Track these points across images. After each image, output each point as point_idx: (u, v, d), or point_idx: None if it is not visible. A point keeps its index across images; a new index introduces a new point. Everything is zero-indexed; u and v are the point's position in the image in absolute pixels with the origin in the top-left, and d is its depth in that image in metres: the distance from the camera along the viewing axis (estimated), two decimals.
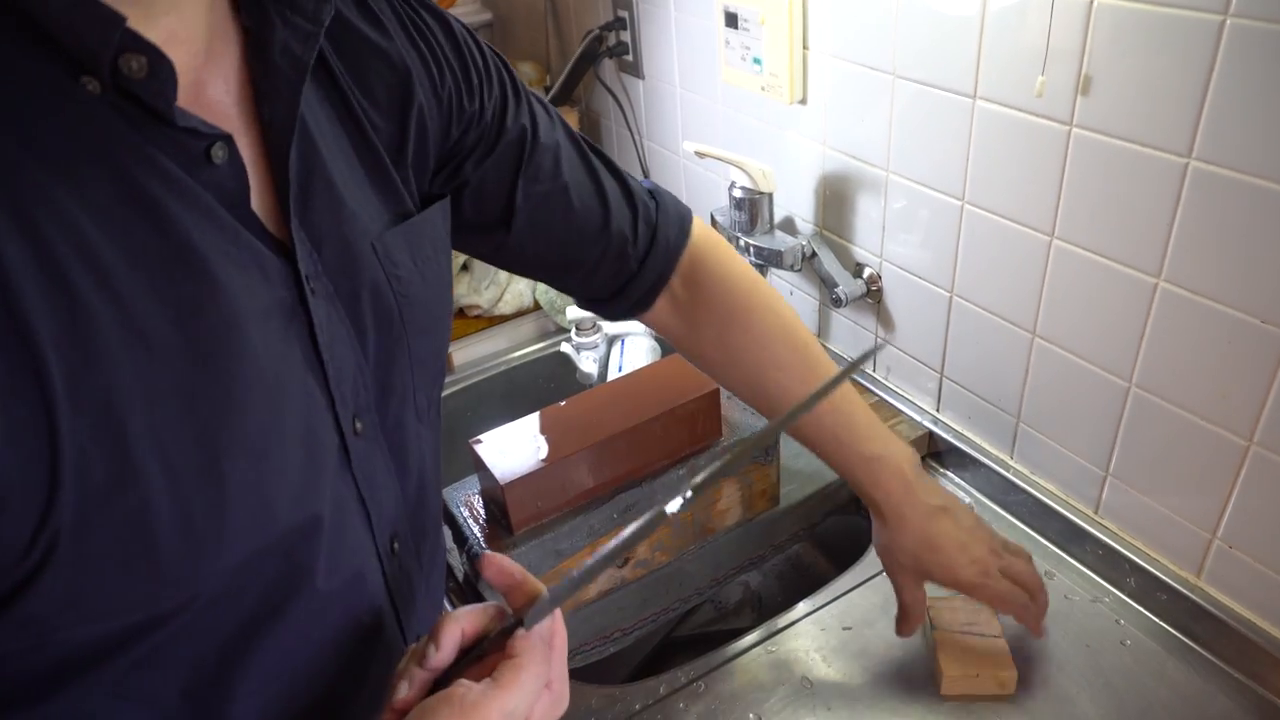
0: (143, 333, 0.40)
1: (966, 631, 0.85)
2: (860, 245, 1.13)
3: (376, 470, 0.55)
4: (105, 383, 0.39)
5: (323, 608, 0.51)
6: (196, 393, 0.42)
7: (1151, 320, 0.81)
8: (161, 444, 0.41)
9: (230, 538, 0.44)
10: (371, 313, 0.54)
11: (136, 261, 0.41)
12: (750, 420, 0.93)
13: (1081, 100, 0.79)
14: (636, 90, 1.49)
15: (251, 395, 0.45)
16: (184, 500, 0.41)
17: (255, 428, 0.45)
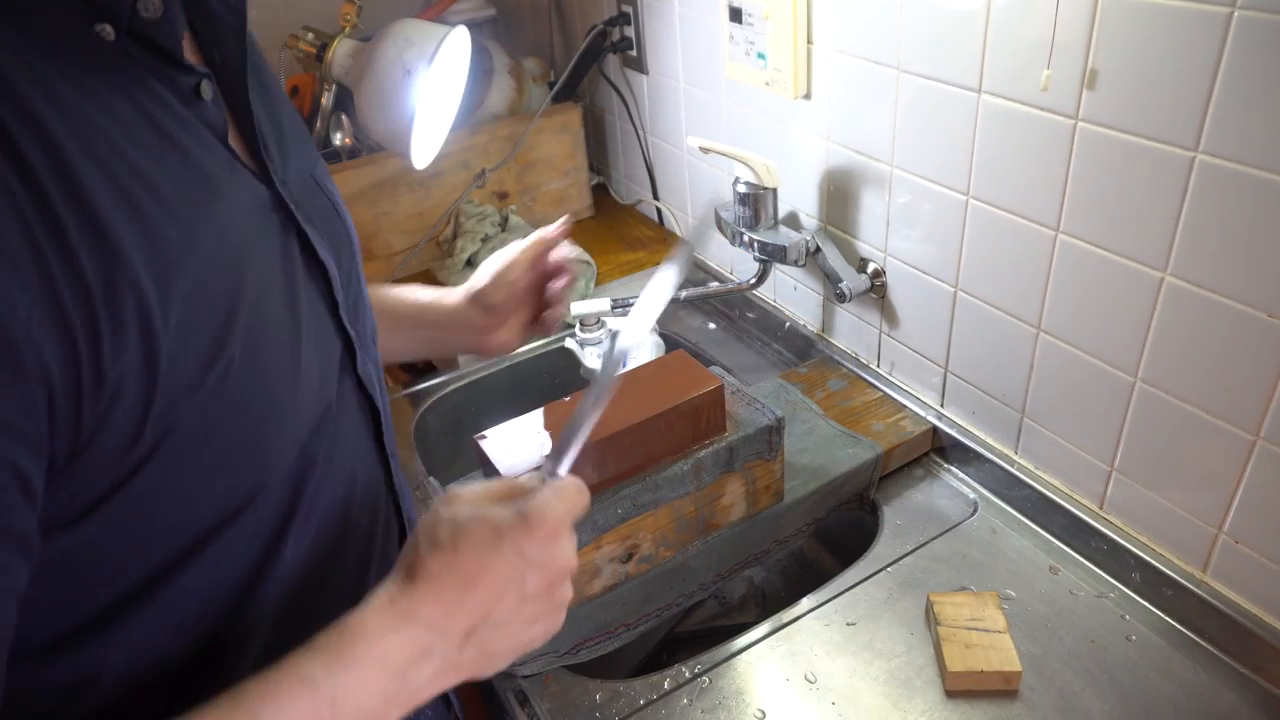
0: (192, 239, 0.46)
1: (971, 627, 0.85)
2: (864, 240, 1.13)
3: (373, 377, 0.64)
4: (180, 283, 0.44)
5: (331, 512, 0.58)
6: (237, 294, 0.48)
7: (1157, 315, 0.81)
8: (230, 332, 0.47)
9: (295, 413, 0.52)
10: (332, 235, 0.61)
11: (172, 179, 0.46)
12: (755, 416, 0.93)
13: (1087, 94, 0.79)
14: (640, 85, 1.49)
15: (273, 297, 0.51)
16: (246, 383, 0.48)
17: (286, 322, 0.52)
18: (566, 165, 1.60)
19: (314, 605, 0.58)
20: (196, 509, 0.49)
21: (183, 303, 0.44)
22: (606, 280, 1.47)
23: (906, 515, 1.03)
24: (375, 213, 1.44)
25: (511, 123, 1.52)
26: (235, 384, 0.48)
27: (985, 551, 0.97)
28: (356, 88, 1.03)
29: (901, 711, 0.82)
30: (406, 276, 1.51)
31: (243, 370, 0.48)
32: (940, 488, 1.07)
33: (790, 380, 1.20)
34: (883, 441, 1.07)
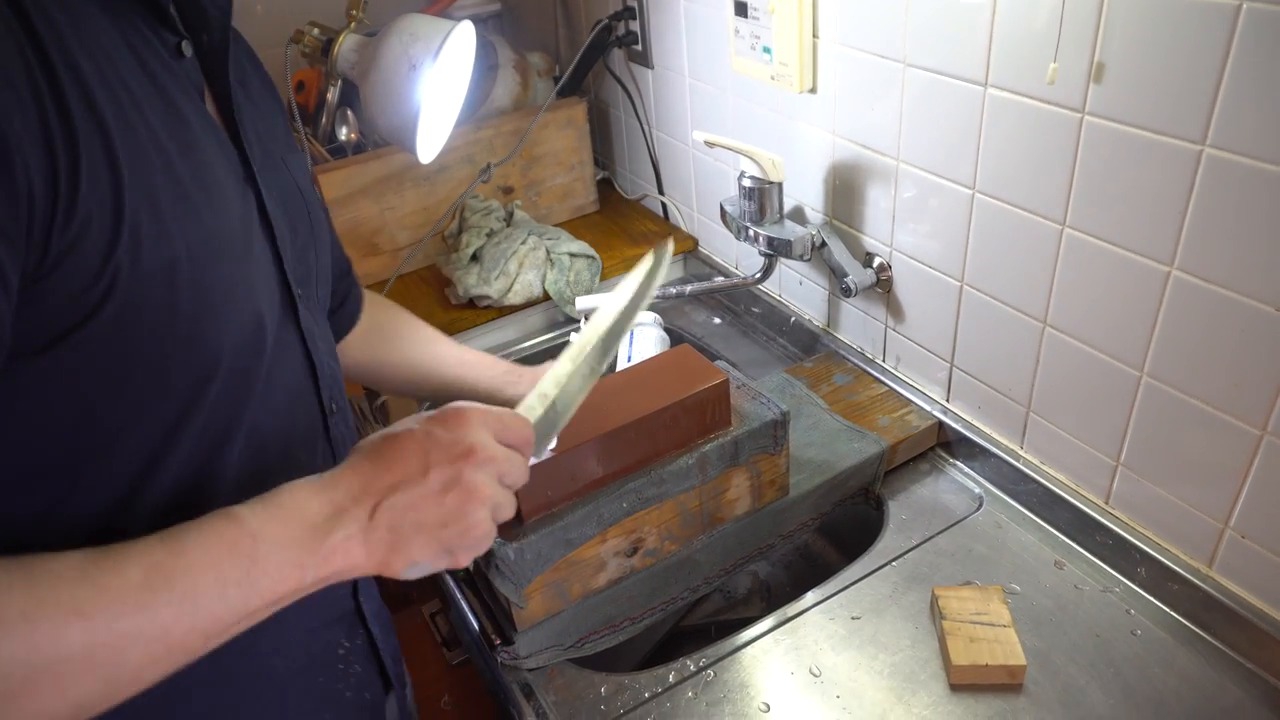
0: (164, 150, 0.53)
1: (976, 621, 0.85)
2: (870, 234, 1.12)
3: (317, 336, 0.68)
4: (147, 170, 0.52)
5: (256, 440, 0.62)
6: (200, 204, 0.55)
7: (1164, 309, 0.81)
8: (183, 227, 0.53)
9: (228, 309, 0.57)
10: (291, 210, 0.68)
11: (154, 109, 0.54)
12: (760, 411, 0.93)
13: (1094, 87, 0.78)
14: (646, 80, 1.49)
15: (232, 226, 0.58)
16: (198, 272, 0.54)
17: (239, 249, 0.58)
18: (572, 160, 1.60)
19: None
20: (146, 378, 0.54)
21: (146, 174, 0.52)
22: (612, 275, 1.47)
23: (911, 510, 1.03)
24: (380, 208, 1.44)
25: (516, 118, 1.52)
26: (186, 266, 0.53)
27: (990, 546, 0.97)
28: (362, 82, 1.03)
29: (906, 705, 0.82)
30: (411, 272, 1.51)
31: (195, 257, 0.54)
32: (946, 482, 1.07)
33: (795, 375, 1.20)
34: (888, 436, 1.07)
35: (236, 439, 0.60)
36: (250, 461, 0.62)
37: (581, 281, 1.41)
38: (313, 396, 0.69)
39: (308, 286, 0.70)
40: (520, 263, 1.38)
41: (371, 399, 1.27)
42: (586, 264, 1.43)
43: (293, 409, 0.66)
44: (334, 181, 1.39)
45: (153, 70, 0.56)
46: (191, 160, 0.56)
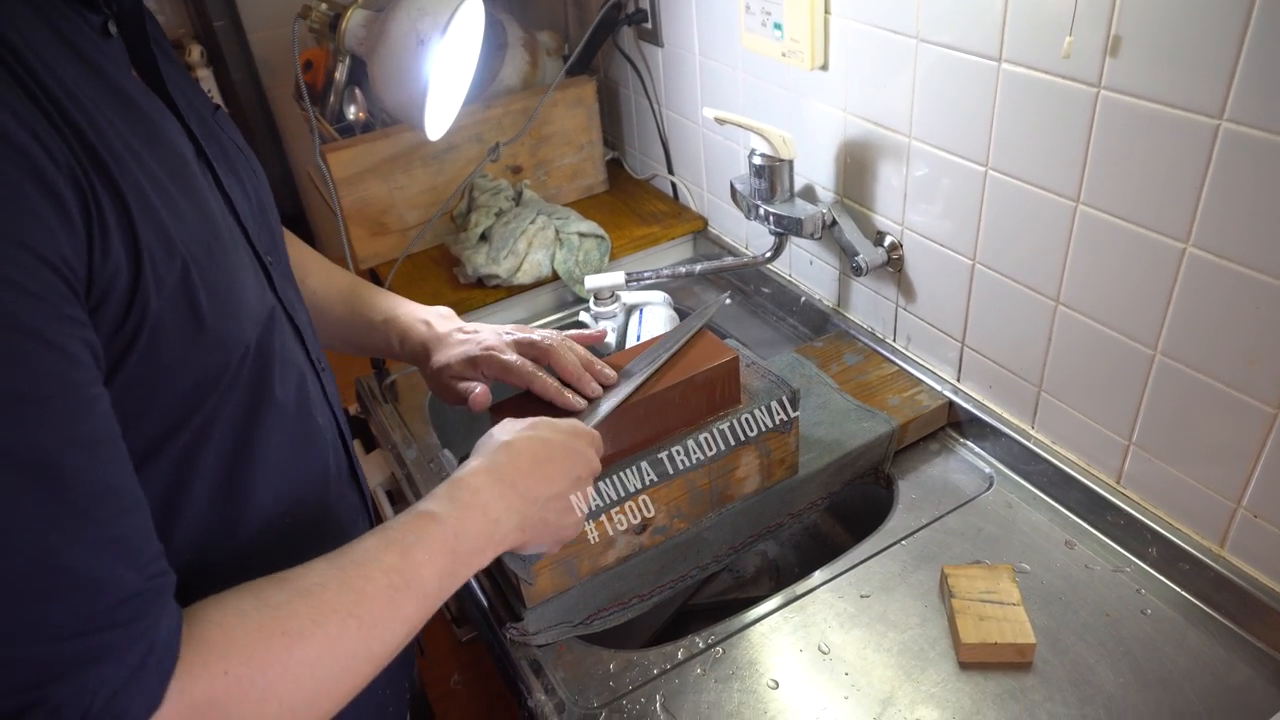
0: (135, 151, 0.51)
1: (985, 599, 0.85)
2: (881, 213, 1.12)
3: (292, 298, 0.69)
4: (133, 178, 0.49)
5: (284, 412, 0.63)
6: (183, 200, 0.53)
7: (1178, 287, 0.80)
8: (183, 235, 0.52)
9: (244, 309, 0.57)
10: (241, 173, 0.67)
11: (110, 106, 0.51)
12: (770, 388, 0.93)
13: (1110, 61, 0.77)
14: (655, 58, 1.48)
15: (213, 211, 0.57)
16: (208, 274, 0.53)
17: (224, 235, 0.57)
18: (581, 140, 1.59)
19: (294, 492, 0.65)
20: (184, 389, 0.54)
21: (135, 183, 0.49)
22: (621, 255, 1.47)
23: (921, 489, 1.03)
24: (389, 187, 1.44)
25: (525, 97, 1.51)
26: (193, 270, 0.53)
27: (1000, 526, 0.97)
28: (370, 58, 1.03)
29: (915, 683, 0.82)
30: (420, 251, 1.51)
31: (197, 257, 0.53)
32: (956, 462, 1.07)
33: (805, 354, 1.19)
34: (898, 415, 1.06)
35: (264, 416, 0.61)
36: (277, 436, 0.63)
37: (590, 261, 1.41)
38: (304, 359, 0.69)
39: (275, 252, 0.69)
40: (529, 242, 1.38)
41: (380, 378, 1.27)
42: (595, 244, 1.42)
43: (301, 370, 0.67)
44: (342, 161, 1.39)
45: (91, 59, 0.52)
46: (160, 153, 0.54)
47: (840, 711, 0.80)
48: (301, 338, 0.69)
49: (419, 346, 0.89)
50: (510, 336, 0.87)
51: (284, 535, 0.63)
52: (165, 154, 0.54)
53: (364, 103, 1.48)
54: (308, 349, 0.70)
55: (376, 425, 1.23)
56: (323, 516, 0.68)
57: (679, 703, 0.82)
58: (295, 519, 0.65)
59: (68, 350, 0.43)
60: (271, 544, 0.62)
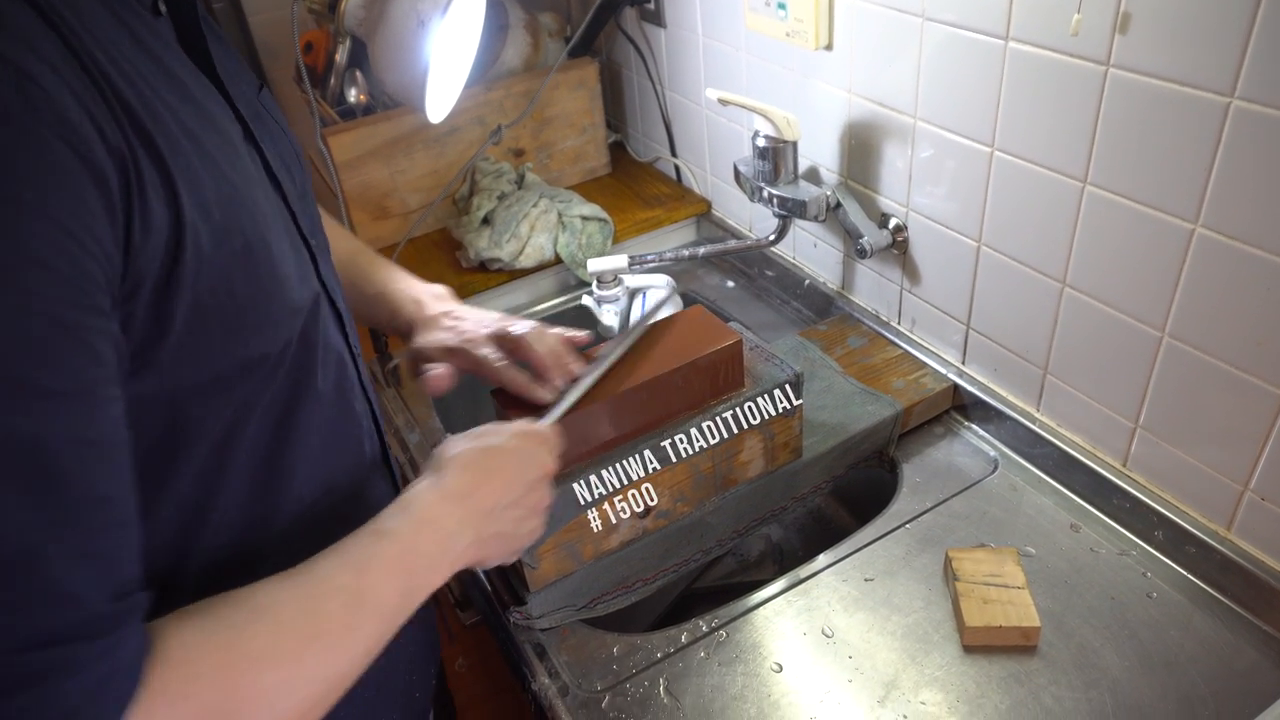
0: (190, 132, 0.50)
1: (990, 583, 0.85)
2: (886, 195, 1.11)
3: (334, 284, 0.68)
4: (186, 161, 0.48)
5: (325, 399, 0.63)
6: (235, 182, 0.53)
7: (1186, 268, 0.79)
8: (232, 213, 0.51)
9: (288, 295, 0.56)
10: (285, 156, 0.66)
11: (164, 86, 0.50)
12: (774, 372, 0.92)
13: (1119, 39, 0.76)
14: (658, 39, 1.47)
15: (259, 195, 0.56)
16: (254, 260, 0.52)
17: (272, 218, 0.56)
18: (583, 122, 1.58)
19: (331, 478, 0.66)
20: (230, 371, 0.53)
21: (187, 166, 0.48)
22: (624, 238, 1.46)
23: (926, 473, 1.02)
24: (391, 170, 1.43)
25: (527, 79, 1.50)
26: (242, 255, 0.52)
27: (1005, 509, 0.96)
28: (370, 39, 1.02)
29: (919, 666, 0.82)
30: (422, 235, 1.50)
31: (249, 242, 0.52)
32: (961, 445, 1.06)
33: (809, 338, 1.19)
34: (903, 399, 1.06)
35: (305, 403, 0.61)
36: (318, 422, 0.63)
37: (593, 244, 1.40)
38: (344, 345, 0.68)
39: (317, 235, 0.68)
40: (532, 226, 1.37)
41: (384, 362, 1.27)
42: (598, 227, 1.41)
43: (340, 355, 0.67)
44: (343, 144, 1.38)
45: (142, 39, 0.51)
46: (212, 134, 0.53)
47: (844, 695, 0.80)
48: (343, 323, 0.69)
49: (405, 323, 0.88)
50: (488, 329, 0.84)
51: (322, 521, 0.63)
52: (216, 135, 0.53)
53: (365, 85, 1.47)
54: (347, 335, 0.69)
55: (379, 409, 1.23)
56: (358, 503, 0.68)
57: (682, 686, 0.82)
58: (334, 505, 0.65)
59: (91, 344, 0.42)
60: (311, 529, 0.62)
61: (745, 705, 0.80)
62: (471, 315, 0.87)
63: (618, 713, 0.81)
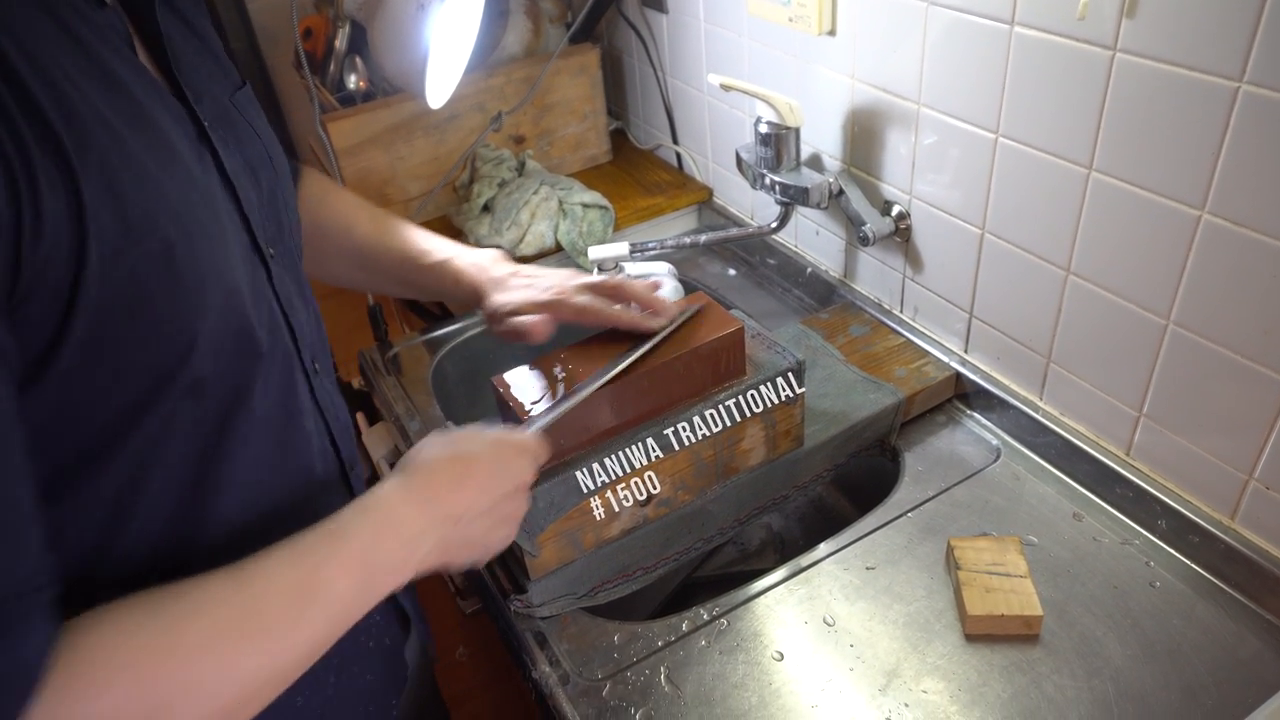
0: (112, 128, 0.48)
1: (992, 571, 0.85)
2: (889, 182, 1.10)
3: (291, 294, 0.66)
4: (99, 158, 0.46)
5: (263, 418, 0.60)
6: (162, 182, 0.51)
7: (1193, 255, 0.78)
8: (149, 216, 0.49)
9: (217, 303, 0.53)
10: (252, 159, 0.64)
11: (89, 79, 0.48)
12: (776, 360, 0.92)
13: (1127, 23, 0.75)
14: (660, 25, 1.45)
15: (195, 198, 0.53)
16: (172, 264, 0.50)
17: (208, 222, 0.54)
18: (584, 109, 1.57)
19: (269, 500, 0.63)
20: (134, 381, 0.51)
21: (99, 164, 0.47)
22: (625, 226, 1.45)
23: (928, 461, 1.02)
24: (391, 157, 1.42)
25: (528, 65, 1.49)
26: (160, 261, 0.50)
27: (1007, 498, 0.96)
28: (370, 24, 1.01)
29: (921, 654, 0.81)
30: (423, 222, 1.49)
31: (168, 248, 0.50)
32: (963, 434, 1.06)
33: (811, 326, 1.18)
34: (905, 387, 1.05)
35: (239, 422, 0.58)
36: (254, 442, 0.60)
37: (594, 232, 1.39)
38: (295, 361, 0.66)
39: (280, 243, 0.66)
40: (532, 213, 1.36)
41: (383, 350, 1.26)
42: (599, 214, 1.41)
43: (273, 378, 0.64)
44: (343, 130, 1.37)
45: (74, 30, 0.49)
46: (142, 133, 0.51)
47: (845, 683, 0.80)
48: (295, 338, 0.66)
49: (471, 288, 0.91)
50: (573, 281, 0.88)
51: (255, 541, 0.58)
52: (147, 135, 0.51)
53: (364, 71, 1.46)
54: (300, 353, 0.67)
55: (380, 398, 1.22)
56: (302, 524, 0.62)
57: (683, 674, 0.82)
58: (269, 528, 0.61)
59: None
60: (243, 549, 0.57)
61: (746, 693, 0.80)
62: (543, 272, 0.91)
63: (618, 701, 0.81)
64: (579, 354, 0.86)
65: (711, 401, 0.89)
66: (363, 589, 0.57)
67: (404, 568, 0.61)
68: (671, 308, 0.88)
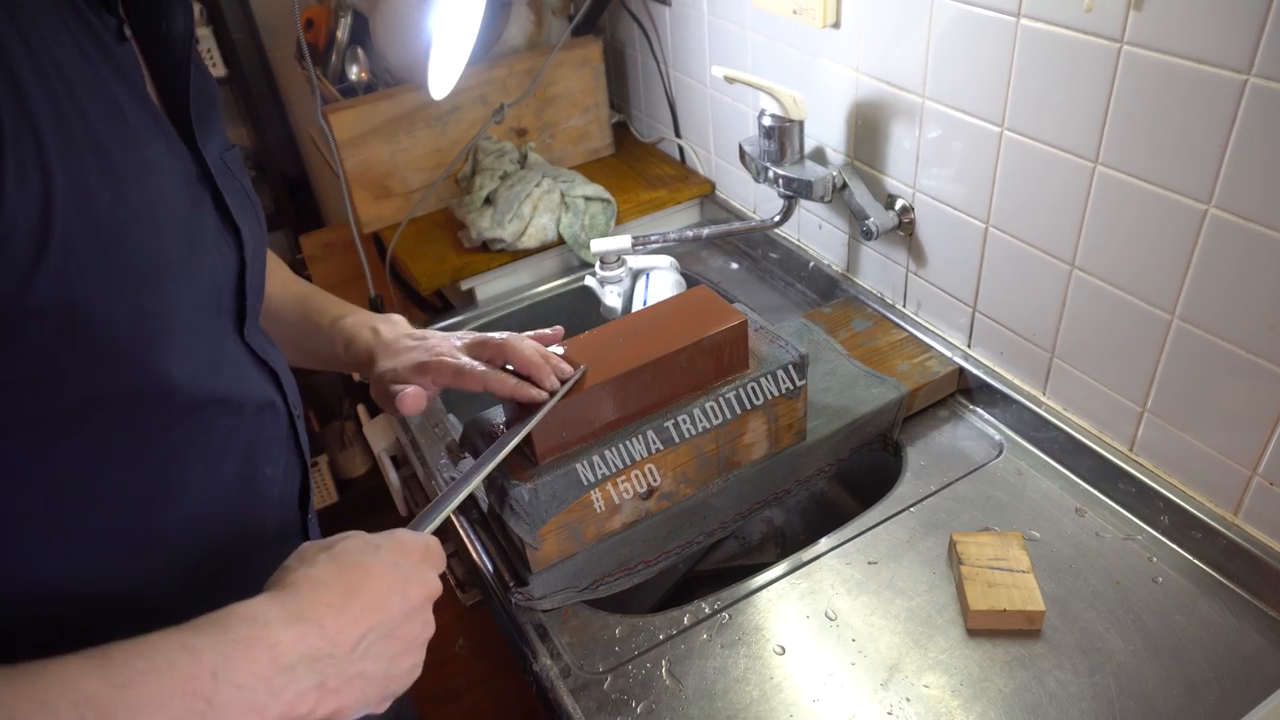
0: (101, 147, 0.48)
1: (994, 566, 0.84)
2: (893, 176, 1.10)
3: (262, 342, 0.65)
4: (80, 172, 0.46)
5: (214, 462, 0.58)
6: (142, 209, 0.50)
7: (1198, 249, 0.78)
8: (123, 236, 0.48)
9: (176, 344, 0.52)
10: (241, 209, 0.62)
11: (91, 99, 0.48)
12: (778, 353, 0.92)
13: (1134, 15, 0.75)
14: (663, 18, 1.45)
15: (176, 236, 0.52)
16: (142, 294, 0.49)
17: (187, 262, 0.53)
18: (586, 101, 1.56)
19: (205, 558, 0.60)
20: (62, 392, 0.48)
21: (80, 177, 0.46)
22: (627, 219, 1.45)
23: (930, 456, 1.02)
24: (392, 149, 1.42)
25: (530, 57, 1.49)
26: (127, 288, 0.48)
27: (1010, 493, 0.96)
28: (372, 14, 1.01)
29: (922, 649, 0.81)
30: (424, 215, 1.49)
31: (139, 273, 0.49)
32: (965, 429, 1.05)
33: (814, 320, 1.18)
34: (908, 382, 1.05)
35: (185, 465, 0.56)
36: (216, 478, 0.58)
37: (596, 225, 1.39)
38: (282, 405, 0.65)
39: (257, 296, 0.65)
40: (534, 206, 1.36)
41: None
42: (601, 207, 1.40)
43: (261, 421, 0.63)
44: (345, 122, 1.36)
45: (90, 56, 0.50)
46: (132, 160, 0.50)
47: (847, 677, 0.80)
48: (282, 389, 0.65)
49: (364, 352, 0.83)
50: (461, 341, 0.82)
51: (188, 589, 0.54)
52: (136, 162, 0.50)
53: (366, 63, 1.45)
54: (286, 395, 0.66)
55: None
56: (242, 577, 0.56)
57: (684, 668, 0.82)
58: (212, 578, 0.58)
59: None
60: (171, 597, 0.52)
61: (748, 687, 0.80)
62: (434, 333, 0.84)
63: (619, 694, 0.80)
64: (579, 348, 0.86)
65: (714, 394, 0.88)
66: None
67: (264, 708, 0.46)
68: (556, 369, 0.81)
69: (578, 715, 0.79)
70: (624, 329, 0.88)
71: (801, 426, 0.98)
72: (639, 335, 0.87)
